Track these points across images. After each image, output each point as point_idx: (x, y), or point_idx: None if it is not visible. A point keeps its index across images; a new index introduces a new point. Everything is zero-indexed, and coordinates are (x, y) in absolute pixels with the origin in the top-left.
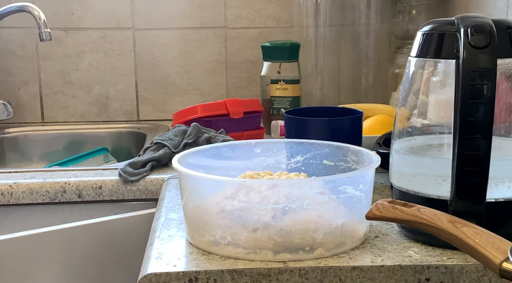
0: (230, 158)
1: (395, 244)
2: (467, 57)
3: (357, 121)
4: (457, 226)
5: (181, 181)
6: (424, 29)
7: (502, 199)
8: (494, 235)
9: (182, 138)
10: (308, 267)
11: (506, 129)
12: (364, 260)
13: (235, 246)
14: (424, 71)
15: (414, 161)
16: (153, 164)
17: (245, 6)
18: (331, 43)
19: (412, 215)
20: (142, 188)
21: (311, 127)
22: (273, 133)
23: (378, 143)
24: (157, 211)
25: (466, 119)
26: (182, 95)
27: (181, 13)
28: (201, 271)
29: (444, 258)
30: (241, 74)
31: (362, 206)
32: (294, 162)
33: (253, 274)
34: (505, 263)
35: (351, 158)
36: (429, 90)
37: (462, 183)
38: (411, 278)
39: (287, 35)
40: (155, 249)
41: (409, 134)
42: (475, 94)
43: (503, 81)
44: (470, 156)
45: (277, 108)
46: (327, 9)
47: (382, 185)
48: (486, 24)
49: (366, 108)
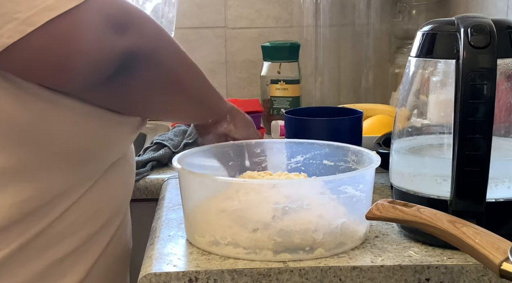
0: (230, 158)
1: (395, 244)
2: (467, 57)
3: (357, 121)
4: (457, 226)
5: (181, 181)
6: (424, 29)
7: (502, 199)
8: (494, 235)
9: (182, 138)
10: (308, 267)
11: (506, 129)
12: (364, 260)
13: (235, 246)
14: (424, 71)
15: (414, 161)
16: (153, 164)
17: (245, 6)
18: (331, 43)
19: (412, 215)
20: (142, 188)
21: (311, 127)
22: (273, 133)
23: (378, 143)
24: (157, 211)
25: (466, 119)
26: None
27: (181, 13)
28: (201, 271)
29: (444, 258)
30: (241, 74)
31: (362, 206)
32: (294, 162)
33: (253, 274)
34: (505, 263)
35: (351, 158)
36: (429, 90)
37: (462, 183)
38: (411, 278)
39: (287, 35)
40: (155, 249)
41: (409, 134)
42: (475, 94)
43: (503, 81)
44: (470, 156)
45: (277, 108)
46: (327, 9)
47: (382, 185)
48: (486, 24)
49: (366, 108)
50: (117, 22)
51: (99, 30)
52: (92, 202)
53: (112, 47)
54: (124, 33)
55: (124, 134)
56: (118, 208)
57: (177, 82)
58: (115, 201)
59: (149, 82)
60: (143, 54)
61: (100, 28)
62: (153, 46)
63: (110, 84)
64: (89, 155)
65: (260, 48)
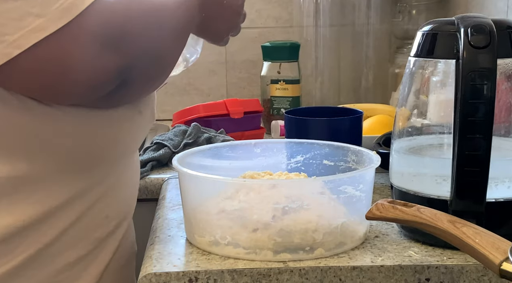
0: (230, 158)
1: (395, 244)
2: (467, 57)
3: (357, 121)
4: (457, 226)
5: (181, 181)
6: (424, 29)
7: (502, 199)
8: (494, 235)
9: (182, 138)
10: (308, 267)
11: (506, 129)
12: (364, 260)
13: (235, 246)
14: (424, 71)
15: (414, 161)
16: (153, 164)
17: (245, 6)
18: (331, 43)
19: (412, 215)
20: (142, 188)
21: (311, 127)
22: (273, 133)
23: (378, 143)
24: (157, 211)
25: (466, 119)
26: (182, 95)
27: None
28: (201, 271)
29: (444, 258)
30: (241, 74)
31: (362, 206)
32: (294, 162)
33: (253, 274)
34: (505, 263)
35: (351, 158)
36: (429, 90)
37: (462, 183)
38: (411, 278)
39: (287, 35)
40: (155, 249)
41: (409, 134)
42: (475, 94)
43: (503, 81)
44: (470, 156)
45: (277, 108)
46: (327, 9)
47: (382, 185)
48: (486, 24)
49: (366, 108)
50: (108, 40)
51: (90, 50)
52: (104, 205)
53: (105, 66)
54: (116, 51)
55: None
56: (127, 211)
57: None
58: (125, 205)
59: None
60: (139, 68)
61: (91, 47)
62: (148, 59)
63: (111, 97)
64: (95, 156)
65: (260, 48)
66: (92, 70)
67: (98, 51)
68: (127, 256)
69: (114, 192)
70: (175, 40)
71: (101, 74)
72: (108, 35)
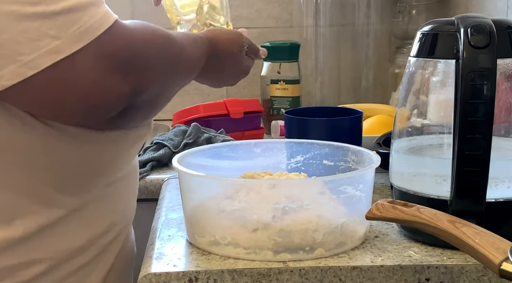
0: (230, 158)
1: (395, 244)
2: (467, 57)
3: (357, 121)
4: (457, 226)
5: (181, 181)
6: (424, 29)
7: (502, 199)
8: (494, 235)
9: (182, 138)
10: (308, 267)
11: (506, 129)
12: (364, 260)
13: (235, 246)
14: (424, 71)
15: (414, 161)
16: (153, 164)
17: (245, 6)
18: (331, 43)
19: (412, 215)
20: (142, 188)
21: (311, 127)
22: (273, 133)
23: (378, 143)
24: (157, 211)
25: (466, 119)
26: (182, 95)
27: None
28: (201, 271)
29: (444, 258)
30: None
31: (362, 206)
32: (294, 162)
33: (253, 274)
34: (505, 263)
35: (351, 158)
36: (429, 90)
37: (462, 183)
38: (411, 278)
39: (287, 35)
40: (155, 249)
41: (409, 134)
42: (475, 94)
43: (503, 81)
44: (470, 156)
45: (277, 108)
46: (327, 9)
47: (382, 185)
48: (486, 24)
49: (366, 108)
50: (123, 65)
51: (101, 73)
52: (106, 213)
53: (115, 90)
54: (130, 76)
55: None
56: (129, 217)
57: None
58: (127, 210)
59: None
60: (146, 96)
61: (104, 71)
62: (158, 88)
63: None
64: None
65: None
66: (100, 91)
67: (112, 75)
68: (128, 259)
69: (116, 200)
70: (185, 75)
71: (111, 97)
72: (124, 60)
